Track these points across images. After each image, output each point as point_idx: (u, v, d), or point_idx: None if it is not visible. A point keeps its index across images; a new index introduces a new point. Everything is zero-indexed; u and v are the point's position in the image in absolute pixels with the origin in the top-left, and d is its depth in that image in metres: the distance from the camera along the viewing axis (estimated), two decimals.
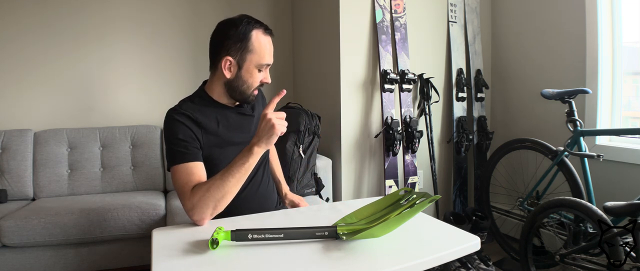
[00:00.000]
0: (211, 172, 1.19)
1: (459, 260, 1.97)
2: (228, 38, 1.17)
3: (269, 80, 1.22)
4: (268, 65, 1.20)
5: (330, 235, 0.93)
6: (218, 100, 1.23)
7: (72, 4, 2.48)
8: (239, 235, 0.90)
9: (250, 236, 0.90)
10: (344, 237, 0.91)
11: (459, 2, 2.51)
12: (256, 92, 1.23)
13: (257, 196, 1.29)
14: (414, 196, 0.97)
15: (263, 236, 0.91)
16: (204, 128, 1.17)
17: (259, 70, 1.19)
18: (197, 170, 1.11)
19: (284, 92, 1.12)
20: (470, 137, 2.47)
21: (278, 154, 1.62)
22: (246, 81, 1.19)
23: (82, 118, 2.54)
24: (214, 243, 0.87)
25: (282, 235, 0.92)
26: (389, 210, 1.01)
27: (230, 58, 1.17)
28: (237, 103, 1.26)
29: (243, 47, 1.16)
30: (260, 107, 1.36)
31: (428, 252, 0.88)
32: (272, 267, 0.81)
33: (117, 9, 2.56)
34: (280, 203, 1.46)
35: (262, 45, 1.17)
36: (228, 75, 1.19)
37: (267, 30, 1.20)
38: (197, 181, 1.08)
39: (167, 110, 1.19)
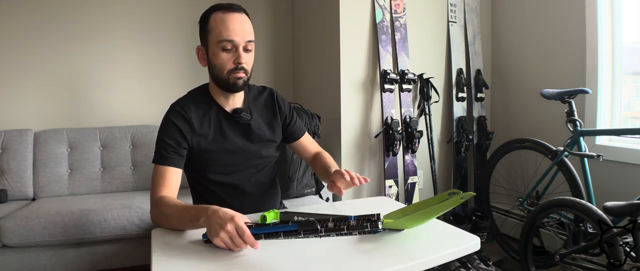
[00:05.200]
0: (203, 167, 1.21)
1: (459, 260, 1.97)
2: (199, 29, 1.19)
3: (241, 60, 1.12)
4: (231, 41, 1.11)
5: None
6: (216, 100, 1.22)
7: (72, 3, 2.48)
8: (286, 216, 1.04)
9: (295, 218, 1.00)
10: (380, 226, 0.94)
11: (459, 2, 2.51)
12: (240, 75, 1.14)
13: (258, 197, 1.30)
14: (459, 196, 0.97)
15: (307, 219, 0.94)
16: (195, 129, 1.18)
17: (225, 50, 1.12)
18: (170, 175, 1.13)
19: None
20: (470, 137, 2.47)
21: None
22: (215, 64, 1.15)
23: (82, 118, 2.54)
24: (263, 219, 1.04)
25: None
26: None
27: (199, 46, 1.19)
28: (235, 109, 1.23)
29: (204, 31, 1.16)
30: (266, 112, 1.30)
31: (428, 252, 0.88)
32: (271, 267, 0.81)
33: (116, 8, 2.56)
34: (281, 203, 1.46)
35: (218, 22, 1.12)
36: (203, 63, 1.20)
37: (228, 8, 1.14)
38: (165, 185, 1.11)
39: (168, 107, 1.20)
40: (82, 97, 2.55)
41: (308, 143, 1.38)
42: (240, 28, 1.13)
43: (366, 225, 0.83)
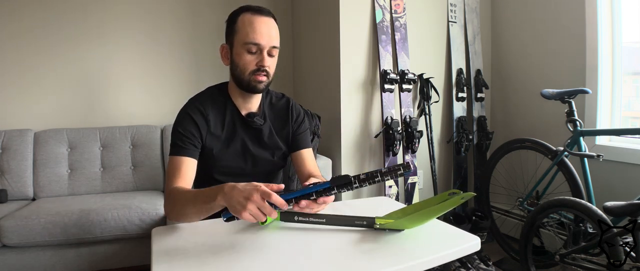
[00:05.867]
0: (210, 166, 1.21)
1: (459, 260, 1.97)
2: (226, 28, 1.19)
3: (265, 63, 1.12)
4: (256, 44, 1.11)
5: (368, 224, 0.99)
6: (234, 100, 1.22)
7: (72, 3, 2.48)
8: (287, 216, 0.99)
9: (296, 218, 0.98)
10: (378, 225, 0.98)
11: (459, 2, 2.51)
12: (262, 78, 1.14)
13: None
14: (460, 196, 0.97)
15: (307, 219, 0.98)
16: (210, 127, 1.18)
17: (249, 52, 1.12)
18: (185, 166, 1.12)
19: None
20: (470, 137, 2.47)
21: None
22: (238, 64, 1.14)
23: (82, 118, 2.54)
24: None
25: (324, 220, 0.98)
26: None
27: (224, 44, 1.19)
28: (250, 113, 1.22)
29: (231, 30, 1.16)
30: (280, 120, 1.29)
31: (428, 252, 0.88)
32: (272, 266, 0.81)
33: (117, 8, 2.56)
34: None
35: (245, 23, 1.12)
36: (225, 62, 1.20)
37: (257, 11, 1.14)
38: (180, 177, 1.11)
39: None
40: (82, 97, 2.55)
41: (308, 159, 1.31)
42: (267, 32, 1.12)
43: (399, 169, 0.84)
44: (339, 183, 0.84)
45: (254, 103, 1.24)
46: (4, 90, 2.41)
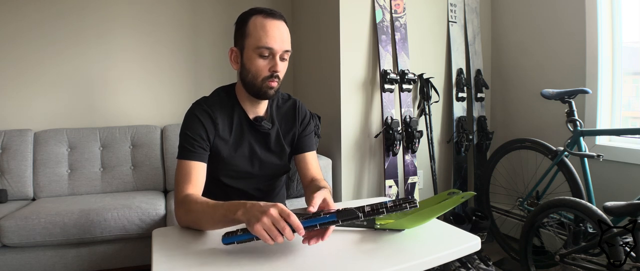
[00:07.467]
0: (217, 169, 1.20)
1: (459, 260, 1.97)
2: (235, 30, 1.16)
3: (277, 69, 1.10)
4: (269, 49, 1.09)
5: (368, 224, 0.99)
6: (242, 104, 1.20)
7: (72, 2, 2.48)
8: None
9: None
10: (378, 225, 0.98)
11: (459, 2, 2.51)
12: (274, 84, 1.12)
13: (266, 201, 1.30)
14: (460, 195, 0.96)
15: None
16: (218, 131, 1.17)
17: (261, 57, 1.10)
18: (195, 171, 1.10)
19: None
20: (470, 137, 2.47)
21: None
22: (249, 70, 1.12)
23: (82, 118, 2.54)
24: None
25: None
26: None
27: (234, 47, 1.17)
28: (257, 117, 1.21)
29: (241, 33, 1.12)
30: (286, 122, 1.27)
31: (428, 252, 0.88)
32: (271, 267, 0.81)
33: (117, 8, 2.56)
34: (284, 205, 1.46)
35: (257, 27, 1.09)
36: (235, 66, 1.18)
37: (269, 14, 1.11)
38: (191, 182, 1.08)
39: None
40: (82, 97, 2.55)
41: (311, 162, 1.29)
42: (279, 36, 1.11)
43: (405, 205, 0.82)
44: (345, 218, 0.83)
45: (262, 107, 1.22)
46: (4, 90, 2.41)
